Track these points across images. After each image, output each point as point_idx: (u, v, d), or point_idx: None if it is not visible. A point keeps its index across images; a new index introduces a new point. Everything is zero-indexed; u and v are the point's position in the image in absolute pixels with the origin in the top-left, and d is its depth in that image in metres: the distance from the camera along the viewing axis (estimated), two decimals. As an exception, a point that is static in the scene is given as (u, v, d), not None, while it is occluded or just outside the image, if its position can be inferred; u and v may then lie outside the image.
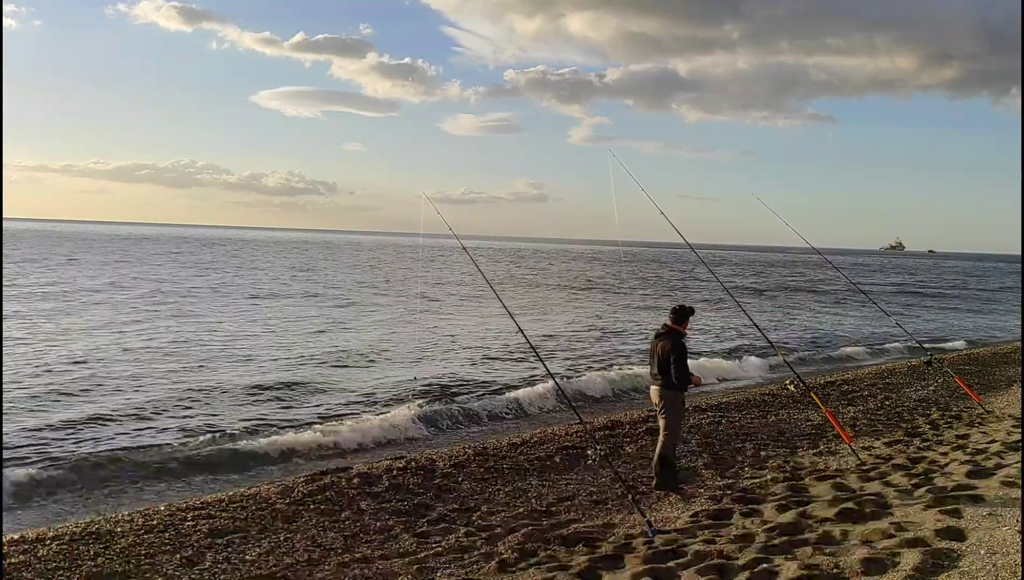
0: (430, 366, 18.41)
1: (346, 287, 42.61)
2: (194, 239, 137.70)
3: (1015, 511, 6.39)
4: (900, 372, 17.15)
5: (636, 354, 20.62)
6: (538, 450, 10.24)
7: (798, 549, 6.03)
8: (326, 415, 13.25)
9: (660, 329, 8.36)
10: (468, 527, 7.34)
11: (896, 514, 6.73)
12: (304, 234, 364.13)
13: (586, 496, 8.27)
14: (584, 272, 70.06)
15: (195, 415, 12.89)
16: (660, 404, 8.24)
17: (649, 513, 7.30)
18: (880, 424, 11.65)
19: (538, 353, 8.77)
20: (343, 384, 15.99)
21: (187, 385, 15.11)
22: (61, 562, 6.51)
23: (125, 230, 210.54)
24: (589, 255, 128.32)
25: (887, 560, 5.56)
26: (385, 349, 20.76)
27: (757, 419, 12.07)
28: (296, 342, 21.57)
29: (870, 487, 7.78)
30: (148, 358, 17.95)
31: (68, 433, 11.49)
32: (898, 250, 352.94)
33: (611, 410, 13.91)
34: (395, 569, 6.34)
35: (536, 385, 15.74)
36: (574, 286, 50.50)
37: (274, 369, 17.33)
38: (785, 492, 7.87)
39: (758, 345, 22.38)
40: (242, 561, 6.60)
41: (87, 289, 34.39)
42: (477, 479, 9.01)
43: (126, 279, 41.22)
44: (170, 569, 6.42)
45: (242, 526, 7.42)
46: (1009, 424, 10.79)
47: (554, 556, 6.42)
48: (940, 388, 14.67)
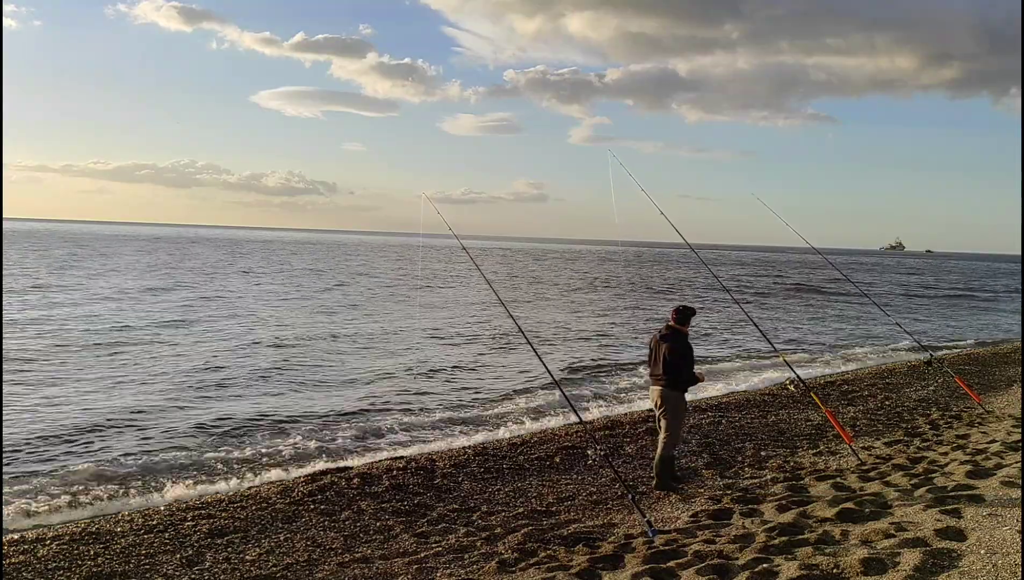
0: (431, 367, 18.41)
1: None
2: (234, 240, 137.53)
3: (1015, 511, 6.39)
4: (900, 372, 17.16)
5: (635, 354, 20.61)
6: (538, 450, 10.24)
7: (798, 549, 6.02)
8: (327, 415, 13.25)
9: (662, 329, 8.34)
10: (468, 527, 7.34)
11: (896, 514, 6.73)
12: (306, 234, 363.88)
13: (586, 496, 8.27)
14: (585, 272, 70.07)
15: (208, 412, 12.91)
16: (661, 405, 8.23)
17: (649, 513, 7.30)
18: (880, 424, 11.65)
19: (538, 353, 8.76)
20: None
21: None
22: (61, 562, 6.51)
23: (129, 230, 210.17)
24: (590, 255, 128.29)
25: (887, 560, 5.56)
26: (383, 344, 20.77)
27: (757, 419, 12.07)
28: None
29: (870, 487, 7.78)
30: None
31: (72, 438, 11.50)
32: (898, 250, 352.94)
33: (611, 410, 13.91)
34: (395, 569, 6.34)
35: (536, 385, 15.75)
36: (575, 286, 50.52)
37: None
38: (785, 492, 7.87)
39: (758, 345, 22.38)
40: (242, 561, 6.59)
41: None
42: (477, 479, 9.00)
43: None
44: (170, 569, 6.42)
45: (242, 526, 7.42)
46: (1009, 424, 10.79)
47: (554, 556, 6.42)
48: (940, 388, 14.67)
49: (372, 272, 59.53)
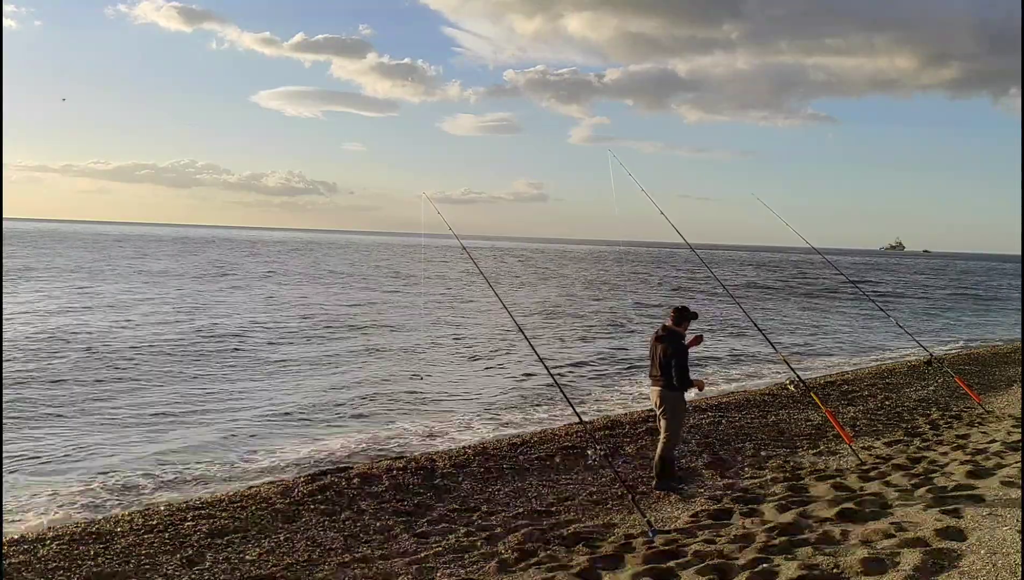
0: (430, 366, 18.41)
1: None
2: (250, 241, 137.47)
3: (1015, 511, 6.40)
4: (900, 372, 17.15)
5: (635, 354, 20.61)
6: (538, 450, 10.24)
7: (798, 549, 6.03)
8: (327, 414, 13.26)
9: (659, 330, 8.34)
10: (468, 527, 7.34)
11: (896, 514, 6.73)
12: (308, 234, 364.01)
13: (586, 496, 8.27)
14: (584, 272, 70.07)
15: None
16: (661, 405, 8.23)
17: (649, 513, 7.30)
18: (880, 424, 11.65)
19: (537, 353, 8.76)
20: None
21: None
22: (61, 562, 6.51)
23: (134, 231, 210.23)
24: (589, 256, 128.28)
25: (887, 560, 5.56)
26: (381, 343, 20.79)
27: (757, 419, 12.06)
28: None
29: (870, 487, 7.78)
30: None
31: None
32: (898, 250, 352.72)
33: (611, 410, 13.90)
34: (395, 569, 6.34)
35: (535, 384, 15.75)
36: (576, 287, 50.52)
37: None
38: (785, 492, 7.87)
39: (758, 345, 22.37)
40: (242, 561, 6.60)
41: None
42: (477, 479, 9.01)
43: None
44: (170, 569, 6.42)
45: (242, 526, 7.42)
46: (1009, 424, 10.79)
47: (554, 556, 6.42)
48: (940, 388, 14.66)
49: (378, 272, 59.58)
